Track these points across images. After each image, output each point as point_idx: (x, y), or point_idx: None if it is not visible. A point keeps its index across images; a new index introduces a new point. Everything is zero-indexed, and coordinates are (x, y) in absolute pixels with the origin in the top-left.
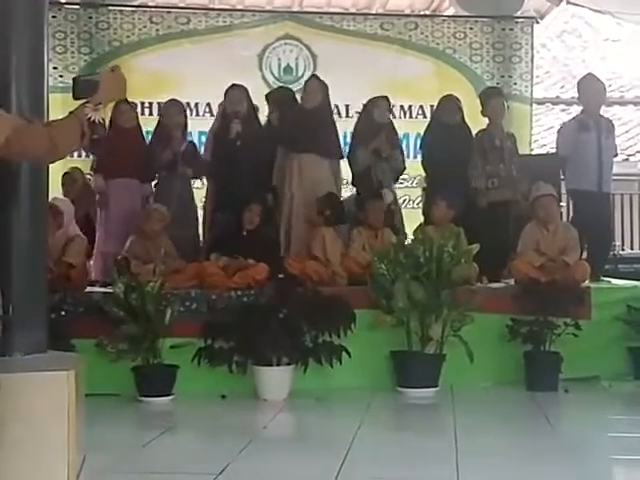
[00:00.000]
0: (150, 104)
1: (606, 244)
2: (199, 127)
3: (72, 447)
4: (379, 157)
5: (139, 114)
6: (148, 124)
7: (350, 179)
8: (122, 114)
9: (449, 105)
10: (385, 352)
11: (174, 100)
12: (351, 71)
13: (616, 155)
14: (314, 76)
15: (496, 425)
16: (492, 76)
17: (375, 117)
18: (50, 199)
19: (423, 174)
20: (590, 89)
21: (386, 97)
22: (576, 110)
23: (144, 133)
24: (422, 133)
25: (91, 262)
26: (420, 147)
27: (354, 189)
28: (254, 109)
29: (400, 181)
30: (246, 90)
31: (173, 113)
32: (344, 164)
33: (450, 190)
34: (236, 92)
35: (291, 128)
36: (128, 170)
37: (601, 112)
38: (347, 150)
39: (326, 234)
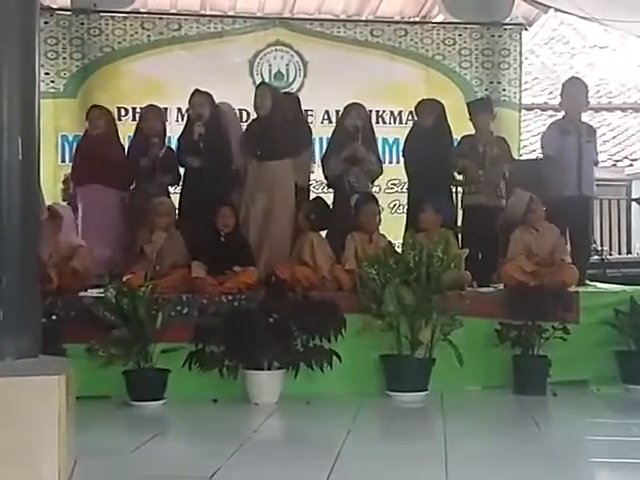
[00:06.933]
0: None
1: (586, 248)
2: None
3: (63, 452)
4: (353, 162)
5: (130, 120)
6: None
7: (325, 183)
8: (91, 121)
9: (425, 108)
10: (375, 356)
11: (151, 105)
12: (341, 77)
13: (596, 163)
14: (262, 83)
15: (485, 429)
16: (481, 82)
17: (348, 125)
18: (49, 204)
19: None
20: (573, 93)
21: (360, 104)
22: None
23: (120, 138)
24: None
25: None
26: (402, 152)
27: (329, 192)
28: (217, 115)
29: (390, 186)
30: (210, 96)
31: (150, 119)
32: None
33: (434, 194)
34: (199, 96)
35: (251, 138)
36: (100, 177)
37: (586, 117)
38: (321, 156)
39: (314, 239)
